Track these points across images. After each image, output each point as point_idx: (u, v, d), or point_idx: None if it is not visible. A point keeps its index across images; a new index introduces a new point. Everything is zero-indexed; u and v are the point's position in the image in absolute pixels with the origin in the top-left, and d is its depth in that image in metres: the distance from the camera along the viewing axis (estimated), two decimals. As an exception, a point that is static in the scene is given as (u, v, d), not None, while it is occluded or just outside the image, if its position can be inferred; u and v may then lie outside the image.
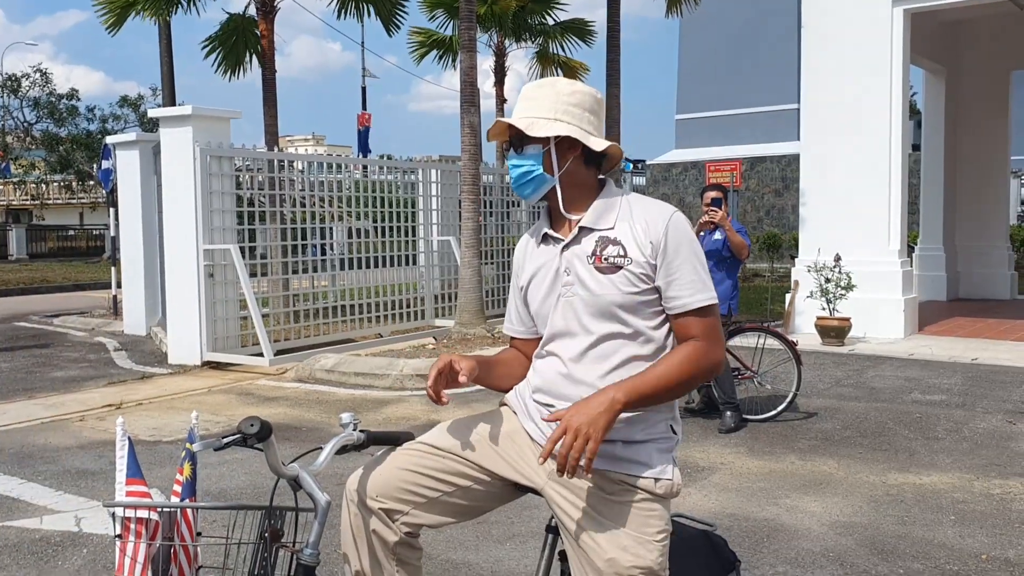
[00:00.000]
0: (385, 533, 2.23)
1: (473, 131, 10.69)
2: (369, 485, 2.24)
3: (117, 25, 13.90)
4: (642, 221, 2.20)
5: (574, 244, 2.24)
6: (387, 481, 2.24)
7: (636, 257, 2.16)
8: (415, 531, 2.27)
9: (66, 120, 34.71)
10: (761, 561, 4.09)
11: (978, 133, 15.21)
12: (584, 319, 2.20)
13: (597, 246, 2.20)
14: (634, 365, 2.19)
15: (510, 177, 2.30)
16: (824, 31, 11.71)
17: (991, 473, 5.46)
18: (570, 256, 2.23)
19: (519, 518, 4.54)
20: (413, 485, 2.24)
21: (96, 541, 4.43)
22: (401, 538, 2.24)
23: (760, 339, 7.11)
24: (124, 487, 2.26)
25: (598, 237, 2.21)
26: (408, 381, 8.45)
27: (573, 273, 2.21)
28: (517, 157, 2.27)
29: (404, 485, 2.23)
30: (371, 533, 2.23)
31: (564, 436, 2.01)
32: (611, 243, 2.19)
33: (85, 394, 8.37)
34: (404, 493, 2.23)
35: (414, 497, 2.23)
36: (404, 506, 2.23)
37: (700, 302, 2.16)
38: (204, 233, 9.51)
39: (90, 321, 13.84)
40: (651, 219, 2.19)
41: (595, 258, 2.19)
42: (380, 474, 2.25)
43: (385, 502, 2.22)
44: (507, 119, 2.25)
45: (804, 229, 12.02)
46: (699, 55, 29.07)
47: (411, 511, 2.23)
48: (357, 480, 2.27)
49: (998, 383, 8.22)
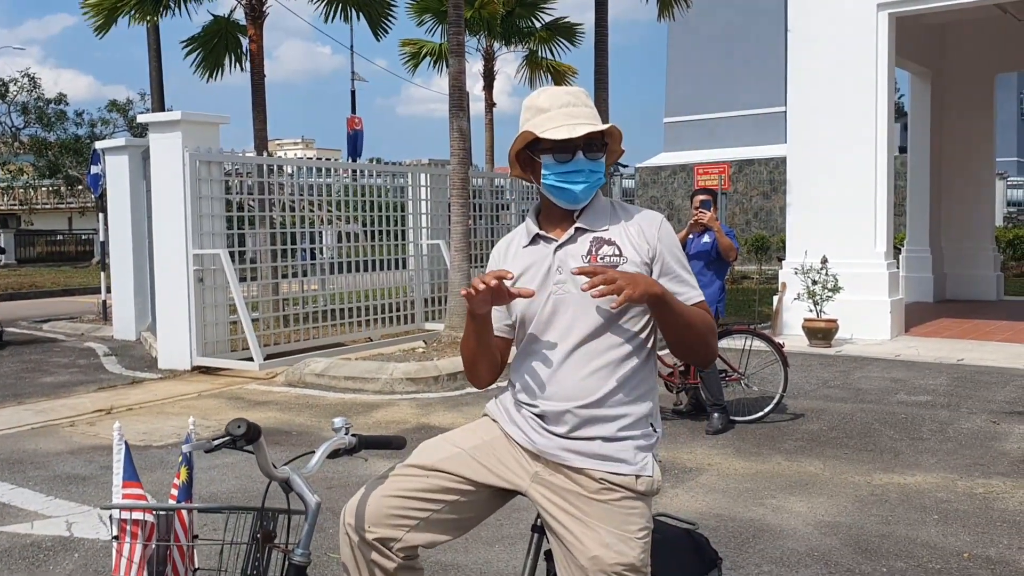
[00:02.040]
0: (384, 562, 2.27)
1: (462, 135, 10.73)
2: (360, 516, 2.27)
3: (105, 28, 13.89)
4: (635, 224, 2.31)
5: (569, 244, 2.30)
6: (376, 509, 2.27)
7: (632, 257, 2.25)
8: (413, 554, 2.30)
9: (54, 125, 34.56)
10: (747, 561, 4.14)
11: (963, 135, 15.33)
12: (574, 317, 2.25)
13: (592, 246, 2.28)
14: (619, 366, 2.24)
15: (576, 182, 2.28)
16: (810, 34, 11.80)
17: (975, 473, 5.53)
18: (563, 255, 2.29)
19: (508, 520, 4.58)
20: (402, 509, 2.27)
21: (87, 546, 4.45)
22: (400, 563, 2.28)
23: (747, 341, 7.17)
24: (120, 490, 2.30)
25: (593, 238, 2.29)
26: (398, 385, 8.48)
27: (566, 272, 2.26)
28: (595, 163, 2.30)
29: (394, 511, 2.26)
30: (371, 563, 2.27)
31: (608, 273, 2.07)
32: (606, 243, 2.27)
33: (75, 399, 8.37)
34: (395, 519, 2.26)
35: (406, 521, 2.26)
36: (397, 531, 2.26)
37: (699, 297, 2.31)
38: (194, 238, 9.52)
39: (79, 326, 13.82)
40: (644, 223, 2.31)
41: (590, 257, 2.26)
42: (370, 504, 2.28)
43: (378, 531, 2.25)
44: (600, 127, 2.28)
45: (791, 231, 12.09)
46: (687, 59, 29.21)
47: (404, 535, 2.26)
48: (350, 511, 2.30)
49: (983, 384, 8.30)
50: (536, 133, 2.28)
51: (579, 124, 2.26)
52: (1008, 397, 7.71)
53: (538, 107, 2.32)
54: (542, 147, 2.30)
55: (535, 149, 2.33)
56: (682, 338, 2.25)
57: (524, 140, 2.32)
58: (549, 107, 2.30)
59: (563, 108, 2.29)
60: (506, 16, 17.83)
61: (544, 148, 2.30)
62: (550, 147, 2.28)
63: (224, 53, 13.63)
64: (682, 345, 2.29)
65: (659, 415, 2.36)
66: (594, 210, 2.34)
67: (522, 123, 2.34)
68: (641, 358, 2.28)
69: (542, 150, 2.31)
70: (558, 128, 2.25)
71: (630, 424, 2.25)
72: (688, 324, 2.22)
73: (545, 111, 2.29)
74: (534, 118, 2.31)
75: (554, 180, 2.29)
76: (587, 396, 2.22)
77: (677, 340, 2.26)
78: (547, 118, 2.28)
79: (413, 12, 17.77)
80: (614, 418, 2.23)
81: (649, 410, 2.30)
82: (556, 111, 2.28)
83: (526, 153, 2.36)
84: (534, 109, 2.32)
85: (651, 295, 2.11)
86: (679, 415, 7.14)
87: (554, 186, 2.30)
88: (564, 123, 2.26)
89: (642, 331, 2.28)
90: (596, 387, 2.23)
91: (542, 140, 2.28)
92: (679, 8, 14.82)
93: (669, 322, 2.21)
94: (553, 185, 2.30)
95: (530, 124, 2.30)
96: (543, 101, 2.32)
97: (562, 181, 2.28)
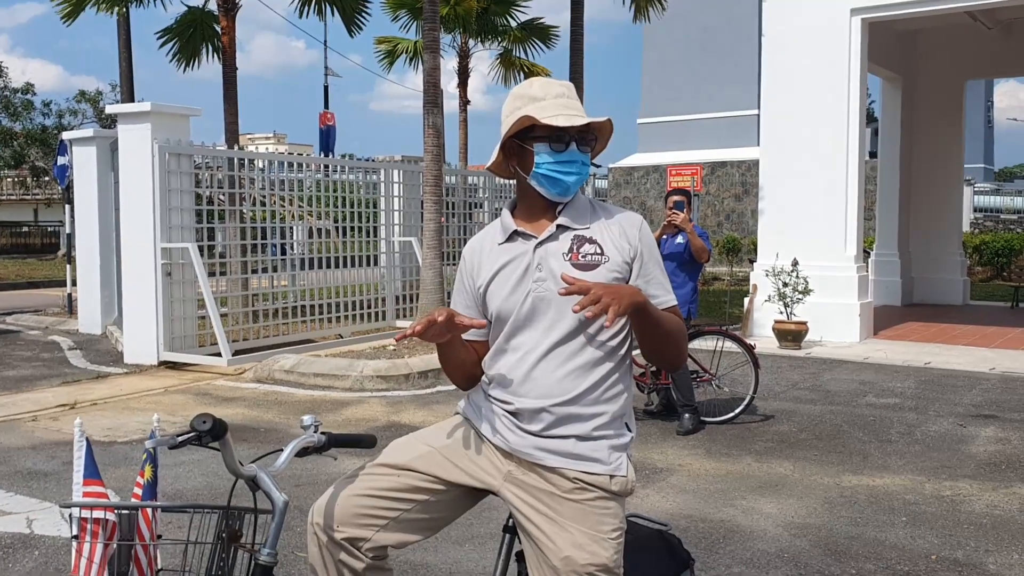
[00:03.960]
0: (352, 563, 2.23)
1: (436, 132, 10.67)
2: (328, 515, 2.23)
3: (72, 16, 13.67)
4: (616, 224, 2.29)
5: (550, 241, 2.27)
6: (345, 509, 2.23)
7: (613, 256, 2.24)
8: (382, 554, 2.26)
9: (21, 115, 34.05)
10: (717, 562, 4.13)
11: (933, 141, 15.50)
12: (551, 316, 2.22)
13: (574, 243, 2.25)
14: (595, 365, 2.22)
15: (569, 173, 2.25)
16: (784, 39, 11.87)
17: (942, 475, 5.57)
18: (544, 253, 2.25)
19: (478, 520, 4.55)
20: (372, 509, 2.23)
21: (48, 543, 4.36)
22: (368, 563, 2.24)
23: (719, 342, 7.19)
24: (81, 487, 2.24)
25: (574, 235, 2.27)
26: (368, 382, 8.41)
27: (546, 269, 2.23)
28: (585, 156, 2.28)
29: (363, 511, 2.22)
30: (339, 563, 2.23)
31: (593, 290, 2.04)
32: (588, 242, 2.25)
33: (38, 394, 8.23)
34: (364, 519, 2.22)
35: (375, 521, 2.23)
36: (366, 531, 2.22)
37: (671, 301, 2.29)
38: (162, 231, 9.39)
39: (44, 319, 13.60)
40: (625, 224, 2.30)
41: (572, 255, 2.24)
42: (339, 503, 2.24)
43: (347, 531, 2.21)
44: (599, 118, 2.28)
45: (763, 234, 12.16)
46: (662, 60, 29.31)
47: (374, 535, 2.22)
48: (318, 511, 2.25)
49: (949, 387, 8.38)
50: (538, 118, 2.23)
51: (577, 115, 2.23)
52: (974, 400, 7.79)
53: (531, 95, 2.27)
54: (536, 135, 2.26)
55: (527, 137, 2.28)
56: (657, 345, 2.25)
57: (522, 124, 2.27)
58: (543, 96, 2.26)
59: (557, 98, 2.26)
60: (481, 13, 17.77)
61: (539, 136, 2.26)
62: (546, 135, 2.25)
63: (201, 43, 13.45)
64: (656, 351, 2.28)
65: (633, 415, 2.34)
66: (575, 207, 2.31)
67: (511, 111, 2.29)
68: (617, 358, 2.27)
69: (536, 138, 2.26)
70: (557, 116, 2.22)
71: (605, 424, 2.22)
72: (665, 332, 2.22)
73: (539, 100, 2.26)
74: (527, 106, 2.26)
75: (547, 169, 2.25)
76: (563, 394, 2.20)
77: (652, 347, 2.26)
78: (542, 107, 2.24)
79: (388, 7, 17.66)
80: (589, 417, 2.21)
81: (624, 410, 2.28)
82: (551, 100, 2.25)
83: (514, 141, 2.31)
84: (526, 97, 2.28)
85: (635, 305, 2.10)
86: (650, 415, 7.14)
87: (546, 175, 2.26)
88: (562, 112, 2.23)
89: (619, 331, 2.26)
90: (572, 386, 2.20)
91: (538, 127, 2.25)
92: (655, 10, 14.85)
93: (647, 331, 2.20)
94: (545, 175, 2.26)
95: (526, 110, 2.25)
96: (536, 90, 2.29)
97: (555, 171, 2.25)
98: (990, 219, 29.31)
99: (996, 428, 6.80)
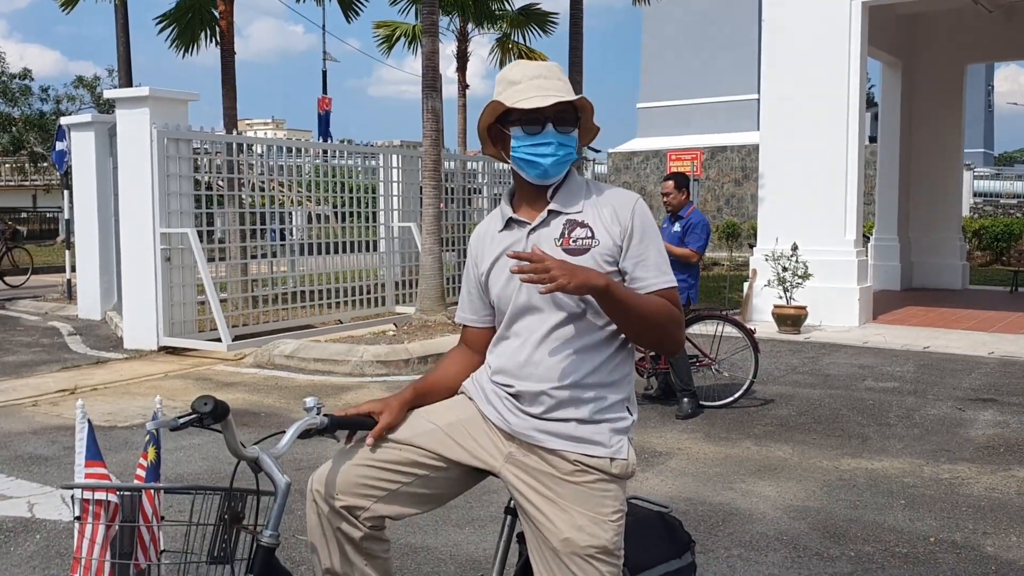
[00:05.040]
0: (350, 531, 2.23)
1: (435, 116, 10.64)
2: (329, 483, 2.24)
3: (71, 3, 13.64)
4: (609, 205, 2.26)
5: (542, 227, 2.26)
6: (346, 478, 2.23)
7: (603, 240, 2.21)
8: (379, 524, 2.27)
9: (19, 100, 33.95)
10: (716, 544, 4.15)
11: (932, 125, 15.47)
12: (546, 301, 2.21)
13: (565, 228, 2.24)
14: (596, 349, 2.22)
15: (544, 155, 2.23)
16: (784, 23, 11.82)
17: (940, 458, 5.59)
18: (536, 239, 2.25)
19: (478, 502, 4.56)
20: (372, 479, 2.23)
21: (49, 527, 4.37)
22: (366, 533, 2.24)
23: (719, 327, 7.19)
24: (83, 469, 2.24)
25: (566, 220, 2.25)
26: (368, 367, 8.43)
27: None
28: (566, 136, 2.24)
29: (363, 480, 2.23)
30: (336, 531, 2.23)
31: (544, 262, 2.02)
32: (579, 226, 2.23)
33: (38, 379, 8.24)
34: (364, 488, 2.23)
35: (374, 491, 2.23)
36: (365, 501, 2.23)
37: (665, 283, 2.24)
38: (161, 217, 9.38)
39: (43, 305, 13.61)
40: (618, 204, 2.26)
41: (563, 240, 2.22)
42: (339, 471, 2.25)
43: (346, 499, 2.22)
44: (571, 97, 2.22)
45: (763, 218, 12.15)
46: (662, 44, 29.20)
47: (372, 505, 2.23)
48: (318, 480, 2.26)
49: (948, 371, 8.40)
50: (506, 102, 2.23)
51: (551, 95, 2.21)
52: (973, 384, 7.81)
53: (509, 80, 2.27)
54: (512, 119, 2.26)
55: (505, 122, 2.28)
56: (637, 329, 2.21)
57: (493, 111, 2.28)
58: (520, 79, 2.25)
59: (534, 80, 2.24)
60: (479, -4, 17.72)
61: (514, 120, 2.25)
62: (519, 118, 2.24)
63: (200, 28, 13.40)
64: (635, 335, 2.24)
65: (635, 399, 2.34)
66: (568, 191, 2.30)
67: (494, 96, 2.30)
68: (618, 342, 2.25)
69: (511, 122, 2.26)
70: (529, 99, 2.21)
71: (606, 407, 2.22)
72: (641, 316, 2.16)
73: (516, 83, 2.25)
74: (505, 91, 2.26)
75: (523, 153, 2.25)
76: (564, 378, 2.19)
77: (631, 332, 2.22)
78: (518, 90, 2.24)
79: (387, -9, 17.60)
80: (590, 400, 2.20)
81: (626, 394, 2.27)
82: (527, 83, 2.24)
83: (496, 127, 2.32)
84: (505, 82, 2.28)
85: (591, 287, 2.05)
86: (649, 400, 7.15)
87: (523, 159, 2.25)
88: (536, 94, 2.22)
89: None
90: (573, 369, 2.20)
91: (512, 111, 2.24)
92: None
93: (618, 315, 2.16)
94: (522, 158, 2.25)
95: (502, 96, 2.26)
96: (514, 74, 2.28)
97: (531, 154, 2.24)
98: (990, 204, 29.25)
99: (995, 412, 6.81)
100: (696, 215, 7.06)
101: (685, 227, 6.98)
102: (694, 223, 6.96)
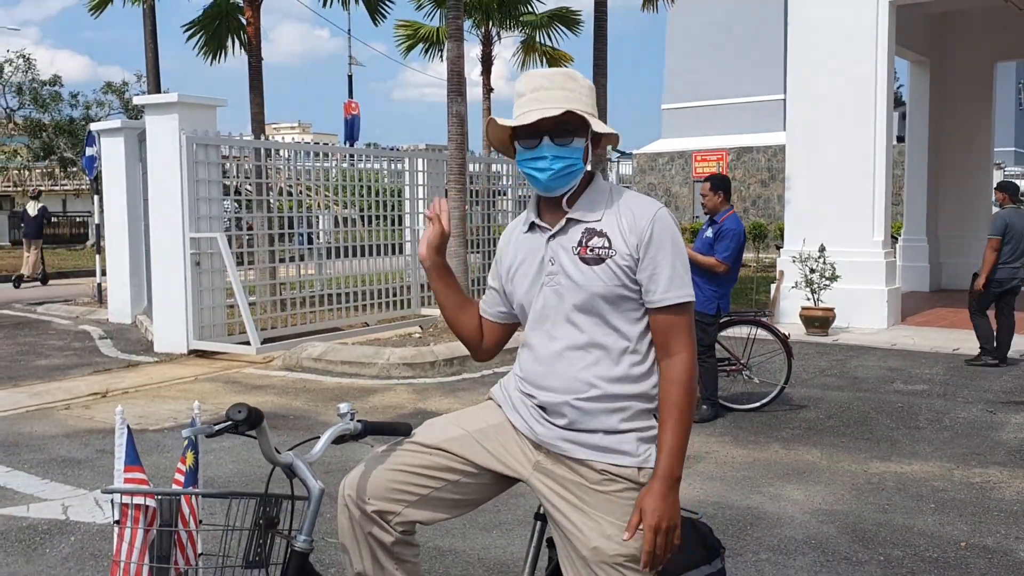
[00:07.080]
0: (381, 535, 2.25)
1: (460, 120, 10.68)
2: (360, 488, 2.26)
3: (100, 8, 13.80)
4: (628, 214, 2.21)
5: (561, 234, 2.25)
6: (377, 483, 2.26)
7: (620, 249, 2.18)
8: (410, 529, 2.29)
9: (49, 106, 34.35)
10: (744, 548, 4.14)
11: (962, 124, 15.31)
12: (566, 310, 2.21)
13: (583, 237, 2.22)
14: (619, 358, 2.21)
15: (540, 169, 2.21)
16: (810, 23, 11.76)
17: (971, 462, 5.54)
18: (556, 246, 2.25)
19: (506, 506, 4.58)
20: (403, 484, 2.26)
21: (83, 529, 4.44)
22: (397, 538, 2.27)
23: (751, 330, 7.12)
24: (123, 474, 2.28)
25: (585, 228, 2.23)
26: (395, 370, 8.47)
27: (558, 263, 2.22)
28: (564, 149, 2.20)
29: (394, 485, 2.25)
30: (368, 536, 2.25)
31: (648, 534, 2.10)
32: (597, 235, 2.21)
33: (70, 382, 8.35)
34: (395, 493, 2.25)
35: (405, 496, 2.25)
36: (396, 506, 2.25)
37: (675, 299, 2.18)
38: (190, 221, 9.49)
39: (74, 309, 13.78)
40: (637, 213, 2.21)
41: (580, 248, 2.20)
42: (371, 476, 2.27)
43: (377, 504, 2.24)
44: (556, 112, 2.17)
45: (789, 219, 12.09)
46: (687, 45, 29.11)
47: (403, 510, 2.25)
48: (350, 484, 2.29)
49: (978, 373, 8.32)
50: (497, 120, 2.26)
51: (545, 108, 2.19)
52: (1004, 387, 7.73)
53: (517, 91, 2.28)
54: (514, 134, 2.28)
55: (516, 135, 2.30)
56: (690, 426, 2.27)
57: (492, 129, 2.30)
58: (524, 91, 2.25)
59: (535, 92, 2.22)
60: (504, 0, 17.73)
61: (516, 135, 2.27)
62: (517, 133, 2.25)
63: (227, 35, 13.52)
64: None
65: None
66: (589, 198, 2.27)
67: None
68: (642, 350, 2.23)
69: (515, 136, 2.28)
70: (521, 115, 2.21)
71: (632, 416, 2.21)
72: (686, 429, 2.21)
73: (521, 96, 2.25)
74: (515, 101, 2.28)
75: (525, 167, 2.26)
76: (586, 390, 2.19)
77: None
78: (519, 104, 2.24)
79: (412, -5, 17.64)
80: (615, 411, 2.20)
81: (651, 402, 2.25)
82: (529, 95, 2.23)
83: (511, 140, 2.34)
84: (516, 93, 2.29)
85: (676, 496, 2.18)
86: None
87: (526, 173, 2.27)
88: (533, 108, 2.20)
89: (635, 328, 2.22)
90: (595, 380, 2.19)
91: None
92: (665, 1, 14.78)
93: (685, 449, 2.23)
94: (525, 172, 2.27)
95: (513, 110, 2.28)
96: (521, 86, 2.28)
97: (528, 168, 2.24)
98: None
99: (1026, 414, 6.74)
100: (731, 221, 6.57)
101: (717, 233, 6.54)
102: (726, 229, 6.51)
